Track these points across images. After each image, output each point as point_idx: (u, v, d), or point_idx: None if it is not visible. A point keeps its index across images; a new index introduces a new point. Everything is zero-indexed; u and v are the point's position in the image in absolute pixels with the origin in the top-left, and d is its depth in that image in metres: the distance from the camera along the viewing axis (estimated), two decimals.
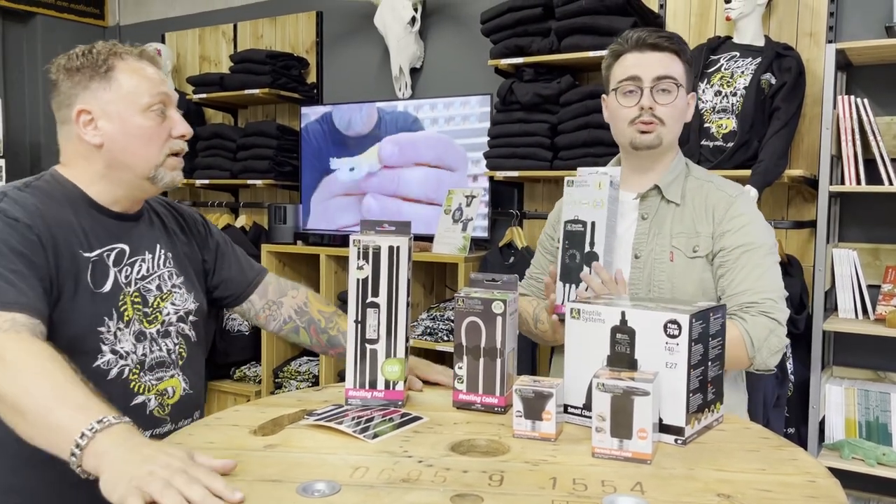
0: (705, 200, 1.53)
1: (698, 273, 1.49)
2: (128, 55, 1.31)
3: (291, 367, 3.59)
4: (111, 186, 1.32)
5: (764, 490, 0.92)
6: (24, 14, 4.37)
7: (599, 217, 1.43)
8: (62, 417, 0.95)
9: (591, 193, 1.43)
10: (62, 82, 1.29)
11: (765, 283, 1.45)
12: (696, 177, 1.58)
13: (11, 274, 1.13)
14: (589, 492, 0.91)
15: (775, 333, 1.43)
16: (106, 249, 1.31)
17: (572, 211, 1.45)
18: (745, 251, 1.47)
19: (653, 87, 1.49)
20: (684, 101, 1.53)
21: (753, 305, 1.43)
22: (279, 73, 3.71)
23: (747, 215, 1.50)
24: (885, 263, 2.59)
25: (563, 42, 2.84)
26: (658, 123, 1.50)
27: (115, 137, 1.29)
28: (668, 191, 1.54)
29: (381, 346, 1.24)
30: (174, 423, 1.36)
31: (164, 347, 1.37)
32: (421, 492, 0.90)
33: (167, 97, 1.32)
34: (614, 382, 1.02)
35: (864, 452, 2.38)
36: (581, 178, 1.45)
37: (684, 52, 1.53)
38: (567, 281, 1.45)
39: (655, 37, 1.50)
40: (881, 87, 2.60)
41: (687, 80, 1.53)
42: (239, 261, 1.56)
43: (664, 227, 1.52)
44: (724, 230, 1.49)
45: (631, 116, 1.51)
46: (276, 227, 3.60)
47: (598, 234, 1.43)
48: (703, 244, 1.50)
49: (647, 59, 1.50)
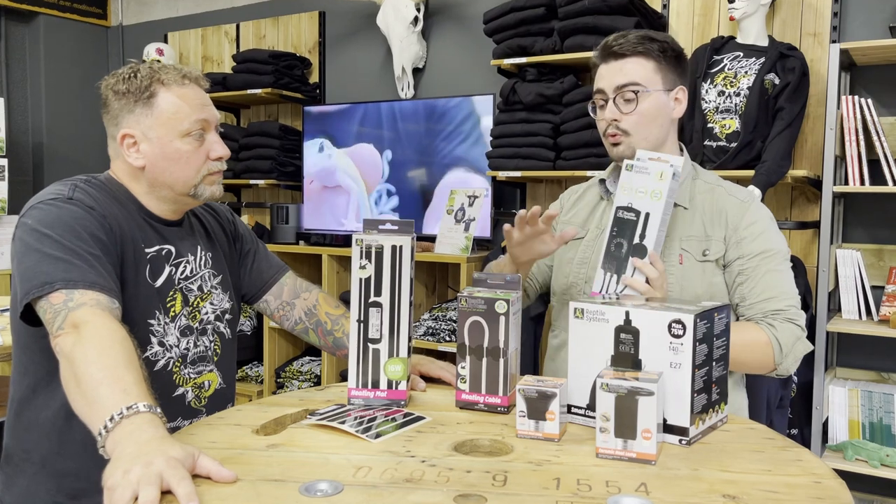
0: (716, 205, 1.51)
1: (708, 277, 1.48)
2: (170, 79, 1.34)
3: (293, 366, 3.58)
4: (157, 200, 1.39)
5: (770, 491, 0.91)
6: (27, 14, 4.37)
7: (655, 209, 1.34)
8: (105, 395, 0.98)
9: (651, 182, 1.34)
10: (111, 102, 1.35)
11: (787, 290, 1.45)
12: (706, 181, 1.56)
13: (91, 257, 1.20)
14: (593, 492, 0.90)
15: (801, 341, 1.44)
16: (159, 248, 1.38)
17: (627, 197, 1.36)
18: (764, 258, 1.46)
19: (616, 98, 1.48)
20: (656, 103, 1.48)
21: (779, 313, 1.43)
22: (282, 73, 3.71)
23: (763, 221, 1.49)
24: (889, 264, 2.58)
25: (566, 42, 2.84)
26: (623, 135, 1.48)
27: (155, 161, 1.35)
28: (678, 194, 1.51)
29: (384, 345, 1.23)
30: (209, 414, 1.40)
31: (201, 344, 1.43)
32: (424, 492, 0.90)
33: (206, 122, 1.37)
34: (618, 382, 1.02)
35: (867, 454, 2.38)
36: (642, 162, 1.35)
37: (651, 51, 1.48)
38: (609, 269, 1.38)
39: (619, 43, 1.48)
40: (885, 88, 2.59)
41: (664, 78, 1.49)
42: (258, 260, 1.60)
43: (673, 229, 1.50)
44: (741, 237, 1.47)
45: (602, 128, 1.52)
46: (279, 227, 3.60)
47: (650, 227, 1.35)
48: (714, 248, 1.48)
49: (610, 69, 1.49)
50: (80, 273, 1.17)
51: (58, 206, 1.25)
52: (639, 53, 1.48)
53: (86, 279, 1.16)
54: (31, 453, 1.31)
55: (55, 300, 1.13)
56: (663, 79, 1.49)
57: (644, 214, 1.36)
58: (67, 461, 1.30)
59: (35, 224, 1.22)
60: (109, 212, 1.30)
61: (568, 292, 1.60)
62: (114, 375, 1.01)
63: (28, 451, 1.31)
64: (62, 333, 1.10)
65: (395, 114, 3.44)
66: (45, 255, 1.18)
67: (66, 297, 1.13)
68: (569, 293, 1.59)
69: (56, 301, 1.13)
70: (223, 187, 1.43)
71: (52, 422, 1.29)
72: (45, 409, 1.29)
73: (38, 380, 1.30)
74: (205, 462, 0.91)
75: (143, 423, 0.95)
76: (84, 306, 1.13)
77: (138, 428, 0.94)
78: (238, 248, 1.58)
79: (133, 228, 1.34)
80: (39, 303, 1.15)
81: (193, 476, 0.89)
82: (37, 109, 4.44)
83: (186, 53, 4.36)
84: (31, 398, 1.31)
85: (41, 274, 1.16)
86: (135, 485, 0.83)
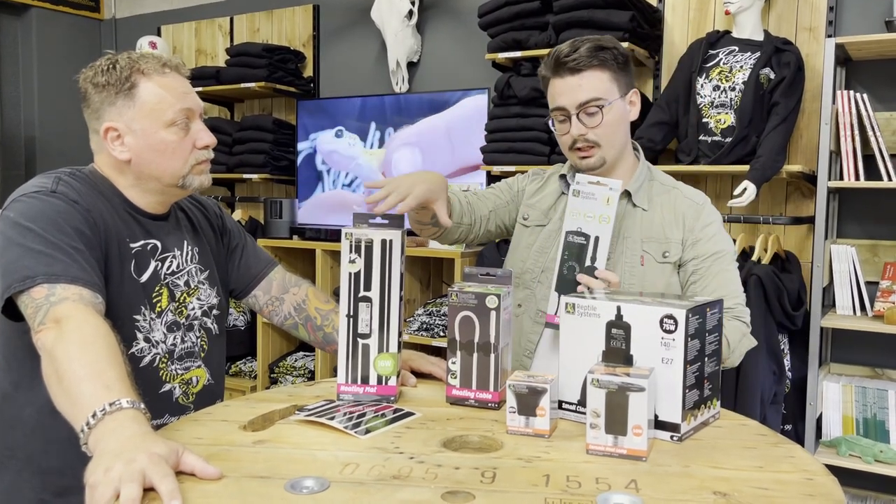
0: (674, 207, 1.55)
1: (666, 277, 1.53)
2: (150, 69, 1.32)
3: (287, 362, 3.57)
4: (143, 193, 1.36)
5: (761, 488, 0.91)
6: (18, 6, 4.34)
7: (604, 232, 1.41)
8: (87, 392, 0.97)
9: (598, 208, 1.40)
10: (92, 95, 1.32)
11: (734, 289, 1.52)
12: (662, 182, 1.60)
13: (74, 251, 1.18)
14: (583, 489, 0.90)
15: (747, 337, 1.50)
16: (144, 243, 1.36)
17: (575, 222, 1.42)
18: (716, 259, 1.52)
19: (579, 114, 1.48)
20: (618, 113, 1.50)
21: (728, 311, 1.48)
22: (275, 67, 3.68)
23: (716, 224, 1.55)
24: (884, 260, 2.57)
25: (561, 36, 2.82)
26: (594, 147, 1.50)
27: (140, 153, 1.32)
28: (637, 196, 1.56)
29: (374, 340, 1.22)
30: (197, 411, 1.38)
31: (188, 340, 1.41)
32: (412, 489, 0.89)
33: (190, 111, 1.34)
34: (609, 378, 1.01)
35: (861, 449, 2.37)
36: (587, 188, 1.41)
37: (606, 61, 1.48)
38: (562, 292, 1.42)
39: (573, 59, 1.47)
40: (881, 82, 2.58)
41: (619, 85, 1.50)
42: (247, 254, 1.59)
43: (633, 230, 1.54)
44: (697, 238, 1.53)
45: (568, 143, 1.53)
46: (272, 221, 3.58)
47: (600, 250, 1.41)
48: (673, 250, 1.53)
49: (567, 84, 1.49)
50: (63, 267, 1.15)
51: (41, 200, 1.22)
52: (594, 67, 1.48)
53: (68, 274, 1.14)
54: (16, 450, 1.29)
55: (37, 295, 1.12)
56: (619, 87, 1.51)
57: (594, 238, 1.42)
58: (52, 458, 1.28)
59: (17, 217, 1.19)
60: (94, 206, 1.28)
61: (521, 277, 1.61)
62: (96, 371, 1.00)
63: (12, 448, 1.30)
64: (44, 329, 1.08)
65: (385, 108, 3.42)
66: (28, 248, 1.16)
67: (48, 292, 1.11)
68: (521, 279, 1.61)
69: (38, 296, 1.11)
70: (211, 177, 1.41)
71: (36, 418, 1.27)
72: (29, 405, 1.27)
73: (21, 376, 1.28)
74: (189, 459, 0.90)
75: (125, 419, 0.93)
76: (66, 301, 1.11)
77: (121, 424, 0.92)
78: (226, 243, 1.56)
79: (118, 223, 1.32)
80: (21, 297, 1.13)
81: (177, 473, 0.88)
82: (29, 103, 4.41)
83: (180, 47, 4.33)
84: (13, 395, 1.29)
85: (23, 268, 1.14)
86: (116, 482, 0.82)
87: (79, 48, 4.58)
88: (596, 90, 1.48)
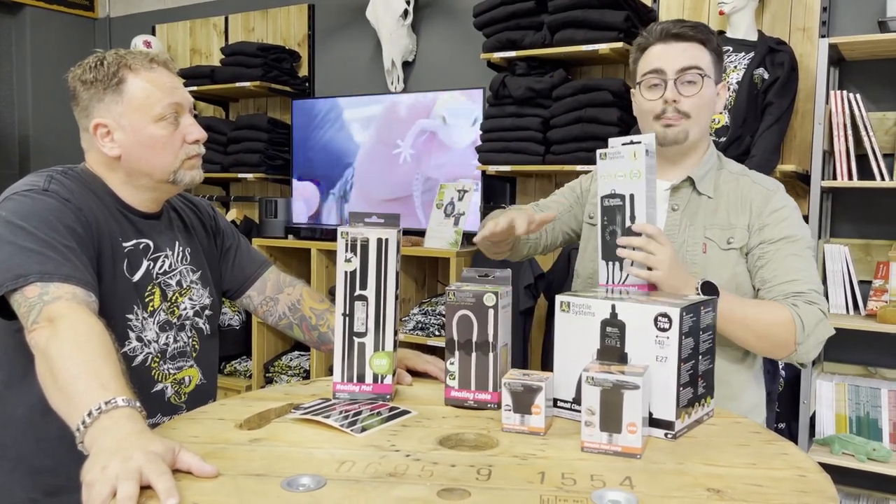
0: (741, 193, 1.50)
1: (731, 266, 1.47)
2: (138, 64, 1.31)
3: (282, 361, 3.57)
4: (134, 190, 1.36)
5: (754, 485, 0.91)
6: (12, 5, 4.32)
7: (638, 188, 1.34)
8: (82, 390, 0.97)
9: (627, 164, 1.34)
10: (80, 93, 1.32)
11: (809, 275, 1.42)
12: (731, 171, 1.55)
13: (67, 250, 1.18)
14: (578, 486, 0.90)
15: (824, 323, 1.39)
16: (137, 242, 1.36)
17: (608, 185, 1.37)
18: (787, 242, 1.44)
19: (677, 79, 1.45)
20: (712, 92, 1.48)
21: (801, 295, 1.39)
22: (270, 66, 3.68)
23: (787, 208, 1.48)
24: (877, 259, 2.59)
25: (556, 36, 2.83)
26: (683, 118, 1.46)
27: (130, 149, 1.32)
28: (701, 184, 1.51)
29: (370, 339, 1.22)
30: (189, 410, 1.38)
31: (181, 339, 1.41)
32: (407, 486, 0.89)
33: (179, 105, 1.34)
34: (604, 376, 1.01)
35: (854, 448, 2.38)
36: (614, 149, 1.36)
37: (711, 41, 1.48)
38: (609, 259, 1.37)
39: (680, 27, 1.46)
40: (874, 83, 2.60)
41: (715, 70, 1.49)
42: (241, 255, 1.58)
43: (696, 218, 1.49)
44: (764, 223, 1.46)
45: (656, 111, 1.47)
46: (267, 221, 3.58)
47: (638, 207, 1.34)
48: (738, 236, 1.47)
49: (671, 50, 1.46)
50: (56, 266, 1.14)
51: (33, 198, 1.22)
52: (701, 41, 1.47)
53: (61, 272, 1.14)
54: (7, 449, 1.29)
55: (30, 293, 1.11)
56: (716, 71, 1.49)
57: (629, 196, 1.35)
58: (44, 457, 1.28)
59: (9, 216, 1.19)
60: (86, 204, 1.28)
61: (592, 277, 1.59)
62: (91, 370, 0.99)
63: (4, 447, 1.29)
64: (37, 327, 1.08)
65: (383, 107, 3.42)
66: (20, 247, 1.15)
67: (42, 291, 1.11)
68: (593, 278, 1.58)
69: (31, 294, 1.11)
70: (203, 173, 1.40)
71: (28, 417, 1.26)
72: (21, 404, 1.27)
73: (12, 374, 1.28)
74: (185, 457, 0.90)
75: (121, 417, 0.93)
76: (60, 300, 1.10)
77: (117, 423, 0.92)
78: (219, 244, 1.55)
79: (110, 221, 1.31)
80: (14, 296, 1.13)
81: (174, 471, 0.88)
82: (23, 102, 4.39)
83: (174, 46, 4.32)
84: (5, 394, 1.29)
85: (15, 266, 1.13)
86: (113, 480, 0.82)
87: (73, 47, 4.56)
88: (699, 60, 1.45)
